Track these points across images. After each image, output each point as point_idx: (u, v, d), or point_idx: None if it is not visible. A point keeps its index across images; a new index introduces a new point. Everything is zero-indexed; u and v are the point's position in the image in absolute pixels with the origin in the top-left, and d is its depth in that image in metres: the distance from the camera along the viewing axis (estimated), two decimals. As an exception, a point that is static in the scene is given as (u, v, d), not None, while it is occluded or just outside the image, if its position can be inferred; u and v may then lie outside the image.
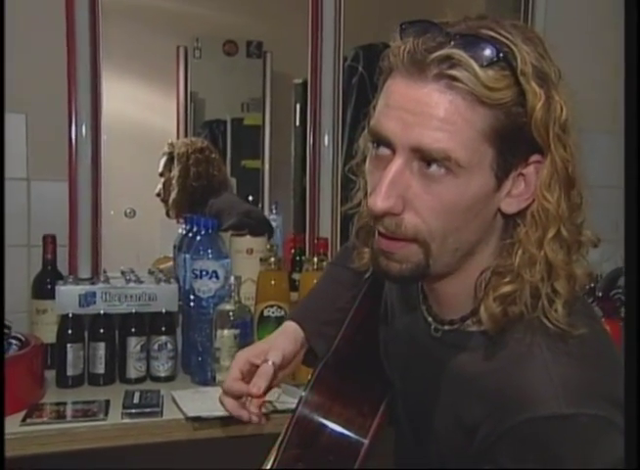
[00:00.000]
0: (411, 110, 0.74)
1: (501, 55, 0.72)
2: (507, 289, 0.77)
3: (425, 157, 0.74)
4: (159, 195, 2.08)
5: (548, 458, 0.72)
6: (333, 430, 0.90)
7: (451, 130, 0.72)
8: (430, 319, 0.89)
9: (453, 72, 0.72)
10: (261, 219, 2.11)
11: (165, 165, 2.09)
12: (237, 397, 1.04)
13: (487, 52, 0.72)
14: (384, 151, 0.77)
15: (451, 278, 0.83)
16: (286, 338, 1.08)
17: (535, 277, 0.77)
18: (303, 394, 0.93)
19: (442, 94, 0.72)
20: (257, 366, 1.03)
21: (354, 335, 1.04)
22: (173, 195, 2.07)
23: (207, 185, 2.10)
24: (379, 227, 0.78)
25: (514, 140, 0.75)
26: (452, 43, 0.72)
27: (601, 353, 0.79)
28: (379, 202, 0.75)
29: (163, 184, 2.09)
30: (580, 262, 0.79)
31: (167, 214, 2.09)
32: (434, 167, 0.74)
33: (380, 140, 0.77)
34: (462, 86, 0.72)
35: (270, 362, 1.01)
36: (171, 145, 2.09)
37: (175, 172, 2.08)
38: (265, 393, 1.01)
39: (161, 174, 2.09)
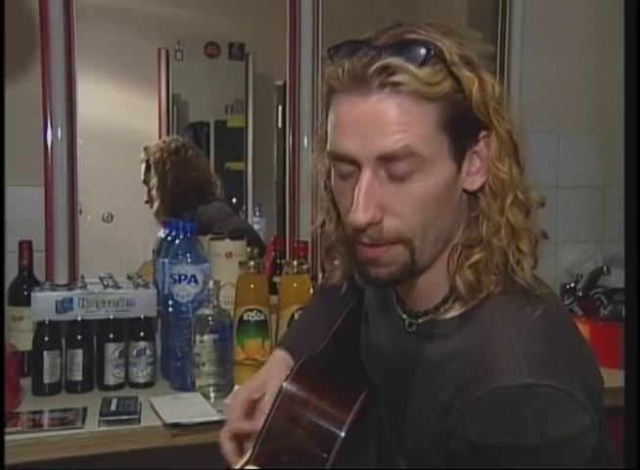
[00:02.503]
0: (365, 123, 0.78)
1: (431, 52, 0.78)
2: (478, 257, 0.83)
3: (391, 160, 0.78)
4: (147, 202, 2.07)
5: (509, 427, 0.76)
6: (309, 420, 0.91)
7: (407, 129, 0.78)
8: (404, 316, 0.92)
9: (394, 79, 0.77)
10: (256, 239, 2.08)
11: (145, 173, 2.07)
12: (245, 436, 1.01)
13: (419, 52, 0.78)
14: (347, 168, 0.81)
15: (425, 273, 0.86)
16: (279, 367, 1.07)
17: (502, 242, 0.82)
18: (284, 384, 0.93)
19: (389, 100, 0.77)
20: (256, 401, 1.02)
21: (339, 341, 1.06)
22: (155, 205, 2.06)
23: (190, 188, 2.08)
24: (362, 239, 0.82)
25: (462, 124, 0.80)
26: (384, 53, 0.77)
27: (562, 332, 0.84)
28: (360, 216, 0.79)
29: (148, 191, 2.07)
30: (534, 222, 0.85)
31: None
32: (400, 170, 0.78)
33: (342, 160, 0.81)
34: (405, 89, 0.77)
35: (267, 397, 1.00)
36: (146, 152, 2.06)
37: (154, 181, 2.06)
38: None
39: (144, 181, 2.07)
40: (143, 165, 2.07)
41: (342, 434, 0.88)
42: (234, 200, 2.21)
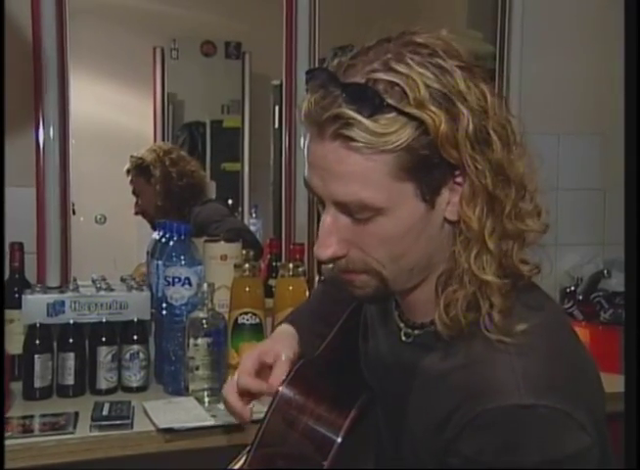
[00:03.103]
0: (323, 167, 0.79)
1: (384, 103, 0.75)
2: (453, 296, 0.81)
3: (345, 206, 0.79)
4: (137, 213, 2.05)
5: (506, 447, 0.75)
6: (306, 425, 0.90)
7: (360, 181, 0.77)
8: (401, 325, 0.92)
9: (346, 132, 0.76)
10: (253, 240, 2.07)
11: (137, 181, 2.05)
12: (248, 394, 1.01)
13: (373, 102, 0.75)
14: (323, 210, 0.83)
15: (418, 288, 0.87)
16: (291, 338, 1.08)
17: (468, 289, 0.80)
18: (280, 388, 0.93)
19: (341, 151, 0.77)
20: (265, 365, 1.01)
21: (338, 345, 1.06)
22: (159, 202, 2.04)
23: (188, 185, 2.07)
24: (331, 265, 0.85)
25: (430, 167, 0.77)
26: (342, 97, 0.76)
27: (562, 347, 0.83)
28: (321, 253, 0.82)
29: (137, 201, 2.05)
30: (523, 257, 0.82)
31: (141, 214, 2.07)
32: (359, 216, 0.79)
33: (311, 190, 0.83)
34: (357, 143, 0.75)
35: (283, 357, 1.00)
36: (139, 158, 2.05)
37: (157, 174, 2.04)
38: None
39: (134, 192, 2.05)
40: (131, 175, 2.04)
41: (339, 439, 0.88)
42: (230, 201, 2.20)
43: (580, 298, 1.91)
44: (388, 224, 0.79)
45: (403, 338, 0.91)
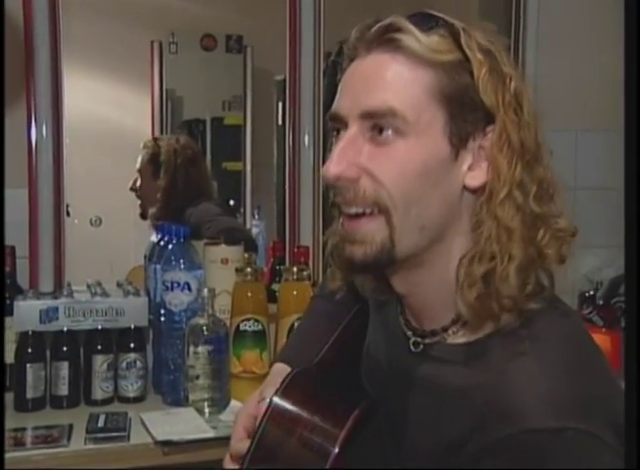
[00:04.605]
0: (359, 81, 0.81)
1: (442, 22, 0.80)
2: (482, 270, 0.79)
3: (374, 118, 0.79)
4: (133, 190, 2.05)
5: None
6: (300, 436, 0.89)
7: (396, 90, 0.79)
8: (409, 333, 0.90)
9: (396, 36, 0.79)
10: (248, 238, 2.07)
11: (147, 165, 2.05)
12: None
13: (428, 20, 0.80)
14: (342, 135, 0.83)
15: (425, 273, 0.84)
16: (278, 377, 1.04)
17: (493, 247, 0.79)
18: (274, 397, 0.92)
19: (386, 57, 0.80)
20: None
21: (336, 354, 1.05)
22: (160, 196, 2.04)
23: (192, 189, 2.07)
24: (338, 200, 0.83)
25: (463, 104, 0.79)
26: (402, 16, 0.80)
27: (586, 360, 0.81)
28: (331, 167, 0.80)
29: (141, 184, 2.05)
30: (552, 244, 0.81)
31: (142, 215, 2.06)
32: (384, 133, 0.79)
33: (335, 122, 0.83)
34: (404, 48, 0.79)
35: (268, 400, 0.98)
36: (155, 144, 2.05)
37: (167, 168, 2.03)
38: None
39: (140, 171, 2.05)
40: (142, 156, 2.04)
41: (336, 450, 0.87)
42: (231, 202, 2.21)
43: (600, 303, 1.90)
44: (407, 151, 0.79)
45: (412, 348, 0.88)
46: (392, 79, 0.79)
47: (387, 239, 0.80)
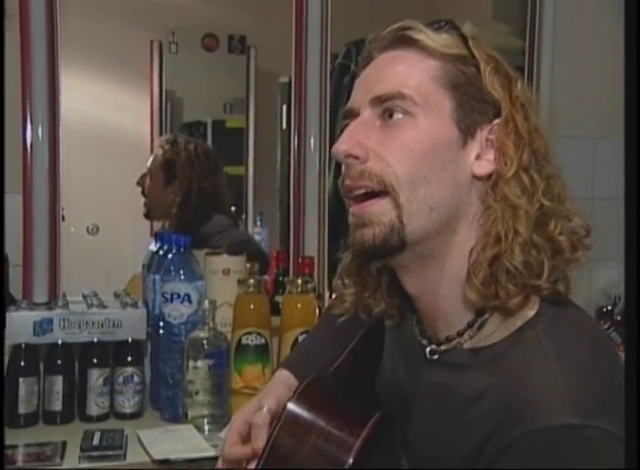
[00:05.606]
0: (372, 75, 0.89)
1: (452, 26, 0.88)
2: (488, 254, 0.83)
3: (383, 103, 0.85)
4: (140, 185, 2.03)
5: None
6: (314, 444, 0.90)
7: (404, 76, 0.86)
8: (424, 342, 0.92)
9: (408, 33, 0.87)
10: (258, 251, 2.05)
11: (159, 169, 2.04)
12: (238, 463, 1.01)
13: (438, 23, 0.88)
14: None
15: (437, 266, 0.87)
16: (279, 385, 1.07)
17: (498, 227, 0.82)
18: (288, 403, 0.93)
19: (397, 51, 0.88)
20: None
21: (351, 365, 1.06)
22: (175, 213, 2.02)
23: (211, 198, 2.06)
24: (347, 181, 0.87)
25: (470, 94, 0.86)
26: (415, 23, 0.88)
27: (605, 358, 0.83)
28: (340, 145, 0.86)
29: (150, 185, 2.04)
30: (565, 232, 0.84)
31: (146, 215, 2.05)
32: (395, 116, 0.85)
33: (349, 117, 0.89)
34: (415, 43, 0.87)
35: (265, 409, 0.99)
36: (172, 148, 2.03)
37: (182, 182, 2.02)
38: None
39: (150, 171, 2.04)
40: (155, 157, 2.03)
41: (350, 460, 0.87)
42: (233, 208, 2.21)
43: (618, 318, 1.90)
44: (416, 131, 0.84)
45: (428, 356, 0.91)
46: (402, 69, 0.86)
47: (395, 219, 0.84)
